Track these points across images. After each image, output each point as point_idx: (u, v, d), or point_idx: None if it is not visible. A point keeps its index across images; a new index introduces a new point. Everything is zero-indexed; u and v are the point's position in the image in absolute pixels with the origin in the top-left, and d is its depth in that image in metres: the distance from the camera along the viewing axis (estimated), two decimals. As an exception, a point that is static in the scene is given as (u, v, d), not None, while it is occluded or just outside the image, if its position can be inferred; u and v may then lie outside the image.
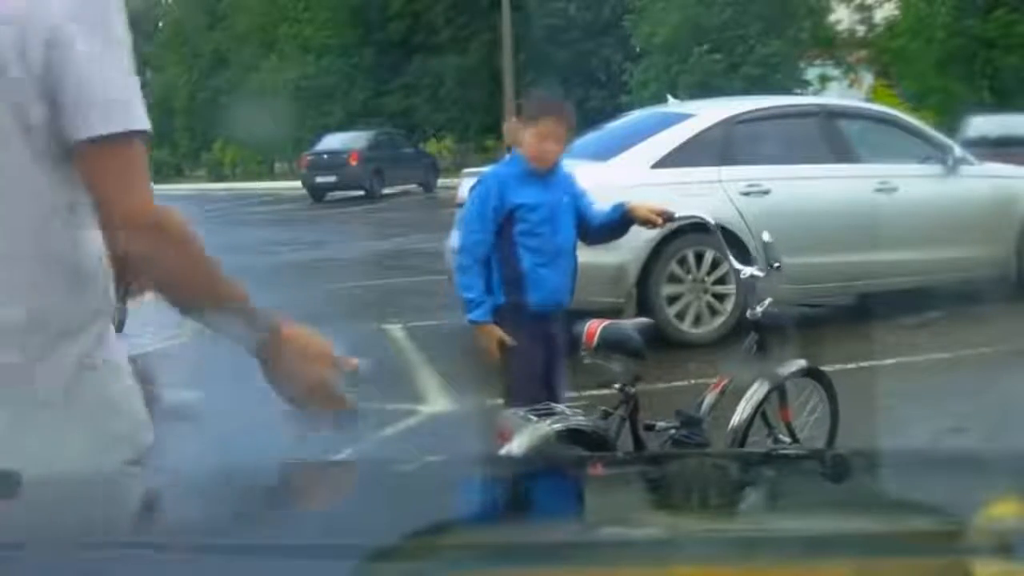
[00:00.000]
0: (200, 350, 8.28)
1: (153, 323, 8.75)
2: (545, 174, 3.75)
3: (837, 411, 4.06)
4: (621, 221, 3.88)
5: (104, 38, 1.56)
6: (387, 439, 5.25)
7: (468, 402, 5.57)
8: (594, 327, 3.38)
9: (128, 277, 1.92)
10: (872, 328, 6.74)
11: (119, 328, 2.00)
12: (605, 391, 3.53)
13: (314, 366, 1.78)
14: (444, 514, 1.44)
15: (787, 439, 3.86)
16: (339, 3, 36.76)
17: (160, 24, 56.52)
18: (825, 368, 6.13)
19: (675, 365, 6.33)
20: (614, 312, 6.02)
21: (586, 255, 4.12)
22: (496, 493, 1.63)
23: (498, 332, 3.69)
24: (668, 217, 3.89)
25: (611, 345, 3.35)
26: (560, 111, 3.78)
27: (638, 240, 6.62)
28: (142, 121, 1.60)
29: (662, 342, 7.15)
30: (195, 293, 1.71)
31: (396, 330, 7.88)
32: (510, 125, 28.46)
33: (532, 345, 3.71)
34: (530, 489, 1.65)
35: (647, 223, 3.88)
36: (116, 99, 1.57)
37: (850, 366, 6.21)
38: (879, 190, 7.82)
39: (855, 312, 8.04)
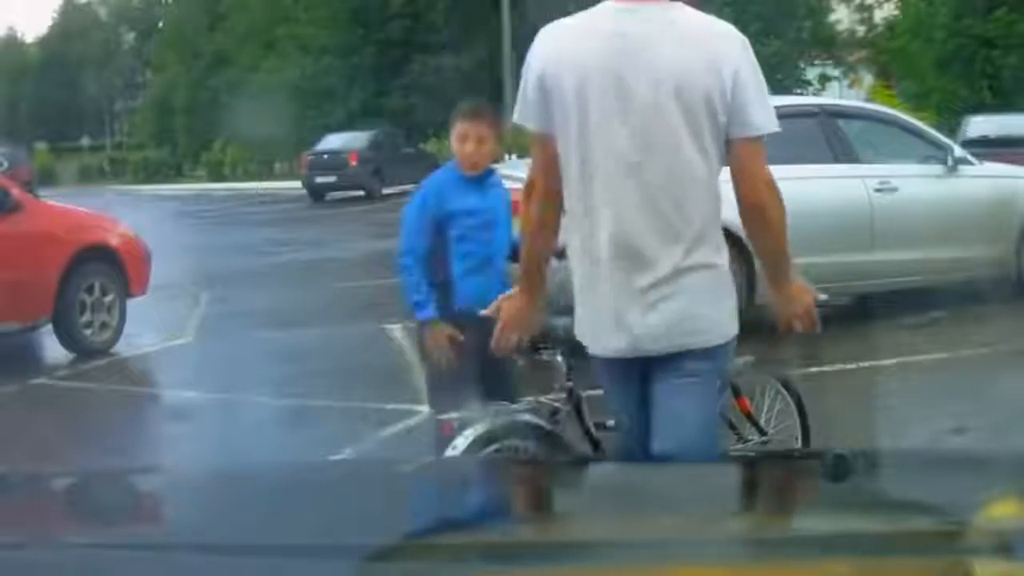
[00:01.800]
0: (200, 350, 8.29)
1: (154, 323, 8.76)
2: (480, 181, 3.84)
3: (801, 402, 4.02)
4: None
5: (755, 72, 2.61)
6: (387, 439, 5.25)
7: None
8: None
9: None
10: (872, 328, 6.73)
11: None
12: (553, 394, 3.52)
13: (805, 294, 2.85)
14: (444, 514, 1.44)
15: (755, 436, 3.84)
16: (339, 3, 36.67)
17: (160, 24, 56.55)
18: (825, 368, 6.16)
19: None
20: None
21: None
22: (496, 493, 1.63)
23: (448, 329, 3.72)
24: None
25: (536, 338, 3.37)
26: (469, 113, 3.86)
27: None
28: (776, 124, 2.63)
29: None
30: (778, 237, 2.75)
31: (396, 330, 7.86)
32: (509, 126, 28.37)
33: (460, 349, 3.72)
34: (529, 490, 1.65)
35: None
36: (766, 111, 2.61)
37: (850, 366, 6.20)
38: (879, 190, 7.80)
39: (855, 312, 8.03)
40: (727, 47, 2.62)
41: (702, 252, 2.65)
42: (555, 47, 2.70)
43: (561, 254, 3.00)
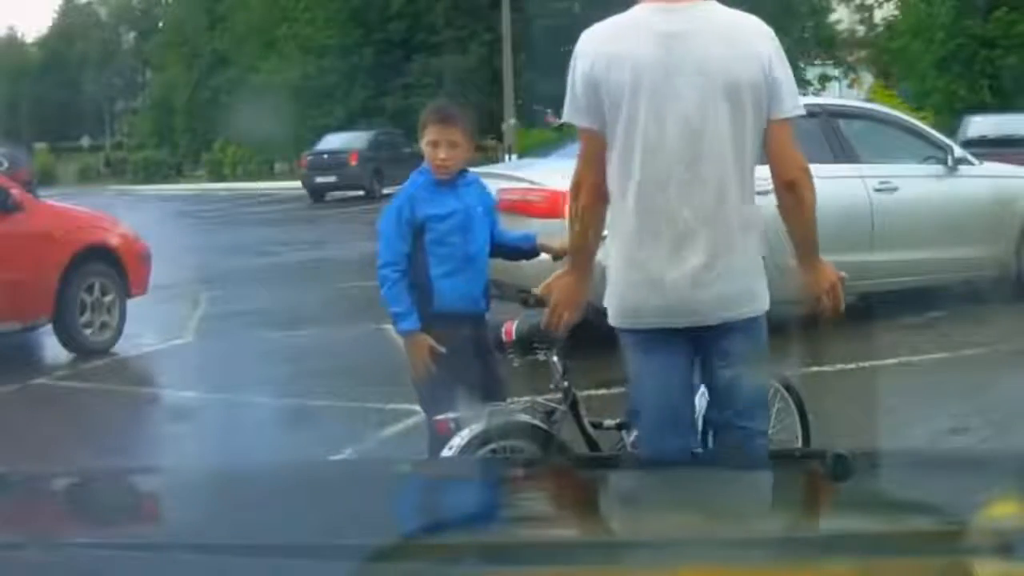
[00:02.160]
0: (200, 350, 8.29)
1: (154, 323, 8.76)
2: (453, 184, 3.78)
3: (801, 402, 4.01)
4: (530, 251, 3.96)
5: (783, 60, 2.90)
6: (387, 439, 5.25)
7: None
8: (510, 324, 3.42)
9: None
10: (872, 328, 6.73)
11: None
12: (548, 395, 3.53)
13: (831, 273, 3.02)
14: (444, 514, 1.44)
15: None
16: (339, 3, 36.66)
17: (160, 24, 56.54)
18: (825, 368, 6.16)
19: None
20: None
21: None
22: (496, 493, 1.63)
23: (429, 341, 3.70)
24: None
25: (528, 337, 3.37)
26: (440, 118, 3.79)
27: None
28: (802, 108, 2.94)
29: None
30: (810, 216, 2.92)
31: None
32: (509, 125, 27.93)
33: (443, 352, 3.70)
34: (529, 490, 1.65)
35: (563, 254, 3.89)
36: (794, 95, 2.91)
37: (850, 366, 6.20)
38: (879, 190, 7.80)
39: (855, 312, 8.03)
40: (760, 39, 2.89)
41: (743, 234, 2.87)
42: (601, 46, 2.88)
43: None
